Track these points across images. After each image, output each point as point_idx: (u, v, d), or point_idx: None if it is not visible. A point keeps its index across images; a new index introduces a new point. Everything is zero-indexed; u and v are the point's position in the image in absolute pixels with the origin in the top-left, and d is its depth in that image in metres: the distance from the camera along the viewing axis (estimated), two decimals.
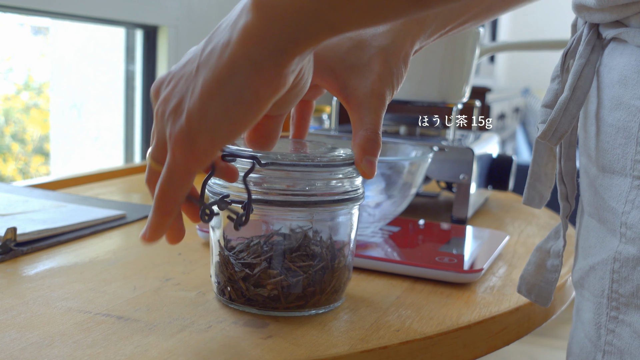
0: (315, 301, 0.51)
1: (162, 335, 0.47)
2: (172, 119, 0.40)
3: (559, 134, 0.49)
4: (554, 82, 0.52)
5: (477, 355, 0.53)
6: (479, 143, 0.93)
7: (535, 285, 0.56)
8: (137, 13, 1.39)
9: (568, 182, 0.54)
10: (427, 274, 0.62)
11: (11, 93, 1.44)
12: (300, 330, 0.49)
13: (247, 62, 0.38)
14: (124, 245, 0.70)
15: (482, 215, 0.94)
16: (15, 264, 0.61)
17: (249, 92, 0.38)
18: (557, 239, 0.56)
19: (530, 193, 0.58)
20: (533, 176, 0.57)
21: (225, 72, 0.38)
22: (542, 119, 0.51)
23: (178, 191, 0.41)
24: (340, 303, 0.54)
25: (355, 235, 0.54)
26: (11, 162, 1.45)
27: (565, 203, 0.54)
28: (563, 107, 0.49)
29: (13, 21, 1.37)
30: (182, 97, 0.40)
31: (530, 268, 0.57)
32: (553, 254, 0.56)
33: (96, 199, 0.90)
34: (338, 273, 0.53)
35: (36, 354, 0.43)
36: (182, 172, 0.41)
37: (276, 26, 0.37)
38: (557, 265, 0.55)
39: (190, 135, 0.39)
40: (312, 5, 0.36)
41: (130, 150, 1.52)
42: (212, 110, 0.39)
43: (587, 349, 0.49)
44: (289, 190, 0.49)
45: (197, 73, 0.39)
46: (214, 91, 0.38)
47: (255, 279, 0.50)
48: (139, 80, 1.50)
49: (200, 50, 0.41)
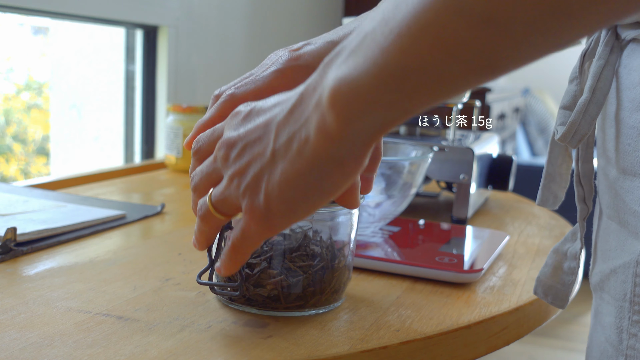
0: (315, 301, 0.51)
1: (162, 335, 0.47)
2: (249, 195, 0.41)
3: (579, 136, 0.49)
4: (572, 83, 0.52)
5: (477, 355, 0.53)
6: (479, 143, 0.92)
7: (551, 287, 0.56)
8: (137, 13, 1.39)
9: (585, 184, 0.53)
10: (427, 274, 0.62)
11: (11, 93, 1.44)
12: (300, 330, 0.49)
13: (328, 159, 0.38)
14: (124, 245, 0.70)
15: (482, 215, 0.94)
16: (15, 264, 0.61)
17: (328, 183, 0.39)
18: (574, 241, 0.55)
19: (545, 194, 0.57)
20: (547, 177, 0.57)
21: (305, 168, 0.39)
22: (561, 121, 0.50)
23: (249, 250, 0.44)
24: (340, 303, 0.54)
25: (355, 235, 0.55)
26: (13, 163, 1.45)
27: (583, 205, 0.54)
28: (583, 109, 0.48)
29: (13, 21, 1.37)
30: (258, 177, 0.41)
31: (546, 270, 0.57)
32: (570, 256, 0.55)
33: (96, 199, 0.90)
34: (338, 273, 0.53)
35: (36, 354, 0.43)
36: (255, 239, 0.43)
37: (354, 126, 0.36)
38: (574, 268, 0.55)
39: (269, 215, 0.41)
40: (388, 98, 0.35)
41: (130, 150, 1.52)
42: (291, 199, 0.40)
43: (608, 353, 0.49)
44: None
45: (273, 160, 0.40)
46: (293, 182, 0.39)
47: (255, 278, 0.50)
48: (139, 80, 1.50)
49: (274, 131, 0.40)
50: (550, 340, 2.41)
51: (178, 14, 1.50)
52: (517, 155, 3.40)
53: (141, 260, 0.64)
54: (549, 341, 2.40)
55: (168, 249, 0.67)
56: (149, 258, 0.65)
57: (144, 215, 0.81)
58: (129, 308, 0.51)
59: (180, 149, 1.18)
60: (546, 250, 0.76)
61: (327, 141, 0.37)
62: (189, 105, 1.18)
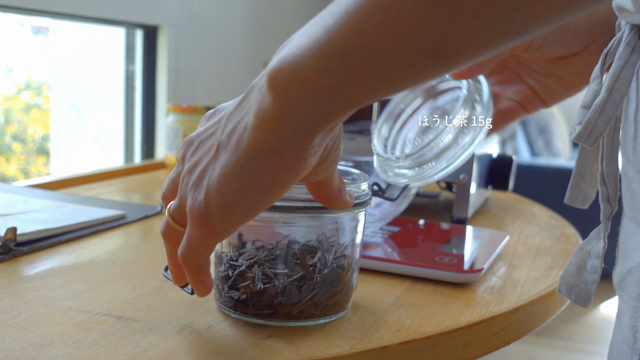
0: (285, 312, 0.49)
1: (162, 335, 0.47)
2: (192, 193, 0.40)
3: (595, 135, 0.49)
4: (593, 82, 0.51)
5: (477, 355, 0.53)
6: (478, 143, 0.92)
7: (575, 286, 0.56)
8: (137, 13, 1.39)
9: (610, 184, 0.53)
10: (427, 274, 0.62)
11: (11, 93, 1.44)
12: (300, 330, 0.49)
13: (264, 148, 0.37)
14: (124, 245, 0.70)
15: (482, 215, 0.94)
16: (15, 264, 0.61)
17: (266, 176, 0.37)
18: (598, 240, 0.55)
19: (574, 192, 0.57)
20: (577, 175, 0.57)
21: (242, 158, 0.37)
22: (579, 120, 0.50)
23: (197, 259, 0.43)
24: (335, 317, 0.52)
25: (359, 247, 0.53)
26: (13, 162, 1.45)
27: (607, 205, 0.53)
28: (599, 108, 0.48)
29: (13, 21, 1.37)
30: (202, 173, 0.40)
31: (570, 268, 0.56)
32: (593, 255, 0.55)
33: (96, 199, 0.90)
34: (320, 287, 0.50)
35: (36, 354, 0.43)
36: (200, 245, 0.42)
37: (292, 109, 0.35)
38: (597, 267, 0.55)
39: (208, 214, 0.39)
40: (329, 80, 0.33)
41: (130, 150, 1.52)
42: (229, 193, 0.38)
43: (624, 352, 0.49)
44: (292, 197, 0.48)
45: (217, 153, 0.39)
46: (231, 175, 0.38)
47: (232, 280, 0.50)
48: (139, 80, 1.50)
49: (223, 124, 0.39)
50: (550, 340, 2.41)
51: (178, 14, 1.50)
52: (517, 155, 3.40)
53: (141, 260, 0.64)
54: (549, 341, 2.40)
55: None
56: (149, 258, 0.65)
57: (144, 215, 0.81)
58: (129, 308, 0.51)
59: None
60: (546, 250, 0.76)
61: (264, 127, 0.36)
62: (189, 105, 1.18)
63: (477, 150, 0.89)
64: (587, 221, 0.57)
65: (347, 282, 0.52)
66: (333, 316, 0.51)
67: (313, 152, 0.38)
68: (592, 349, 2.37)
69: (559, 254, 0.75)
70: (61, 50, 1.48)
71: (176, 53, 1.51)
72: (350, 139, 0.86)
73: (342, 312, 0.52)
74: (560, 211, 1.10)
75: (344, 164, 0.70)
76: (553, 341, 2.41)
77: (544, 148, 3.71)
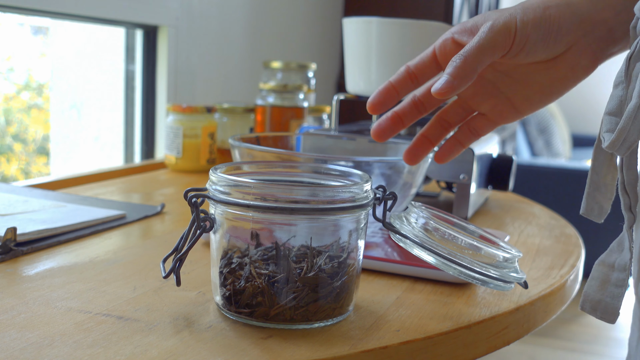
0: (262, 312, 0.49)
1: (162, 335, 0.47)
2: None
3: (628, 143, 0.47)
4: (617, 88, 0.50)
5: (477, 355, 0.53)
6: (479, 143, 0.92)
7: (600, 302, 0.53)
8: (137, 13, 1.39)
9: (631, 192, 0.51)
10: (427, 274, 0.62)
11: (11, 93, 1.44)
12: (300, 330, 0.49)
13: None
14: (124, 245, 0.70)
15: (482, 215, 0.94)
16: (15, 264, 0.61)
17: None
18: (621, 252, 0.53)
19: (589, 203, 0.55)
20: (592, 185, 0.54)
21: None
22: (608, 128, 0.48)
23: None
24: (329, 322, 0.51)
25: (361, 250, 0.52)
26: (14, 163, 1.45)
27: (630, 214, 0.52)
28: (632, 115, 0.46)
29: (13, 21, 1.37)
30: None
31: (593, 284, 0.54)
32: (618, 267, 0.53)
33: (96, 199, 0.90)
34: (301, 291, 0.49)
35: (36, 354, 0.43)
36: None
37: None
38: (624, 280, 0.52)
39: None
40: None
41: (130, 150, 1.52)
42: None
43: None
44: (291, 198, 0.48)
45: None
46: None
47: (223, 277, 0.50)
48: (139, 80, 1.50)
49: None
50: (550, 340, 2.41)
51: (178, 14, 1.50)
52: (517, 155, 3.40)
53: (141, 260, 0.64)
54: (549, 341, 2.40)
55: (168, 249, 0.67)
56: (149, 258, 0.65)
57: (144, 215, 0.81)
58: (129, 308, 0.51)
59: (180, 149, 1.18)
60: (546, 250, 0.76)
61: None
62: (189, 105, 1.18)
63: (478, 150, 0.89)
64: (588, 221, 0.57)
65: (334, 287, 0.50)
66: (329, 320, 0.50)
67: None
68: (592, 349, 2.37)
69: (559, 254, 0.75)
70: (61, 50, 1.48)
71: (176, 53, 1.51)
72: (350, 138, 0.86)
73: (339, 317, 0.51)
74: (560, 211, 1.10)
75: (344, 164, 0.70)
76: (553, 341, 2.41)
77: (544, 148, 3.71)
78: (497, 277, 0.52)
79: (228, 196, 0.49)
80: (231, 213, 0.49)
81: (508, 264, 0.54)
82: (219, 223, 0.51)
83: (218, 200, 0.49)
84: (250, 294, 0.49)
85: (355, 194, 0.50)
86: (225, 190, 0.49)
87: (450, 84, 0.51)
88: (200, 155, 1.19)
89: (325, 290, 0.49)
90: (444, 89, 0.51)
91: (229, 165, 0.54)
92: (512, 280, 0.53)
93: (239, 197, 0.48)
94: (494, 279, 0.52)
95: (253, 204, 0.48)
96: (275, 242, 0.49)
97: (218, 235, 0.51)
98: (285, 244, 0.50)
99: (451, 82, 0.51)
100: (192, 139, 1.18)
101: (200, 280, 0.58)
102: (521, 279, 0.54)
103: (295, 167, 0.61)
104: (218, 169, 0.52)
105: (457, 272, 0.52)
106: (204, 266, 0.62)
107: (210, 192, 0.50)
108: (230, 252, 0.51)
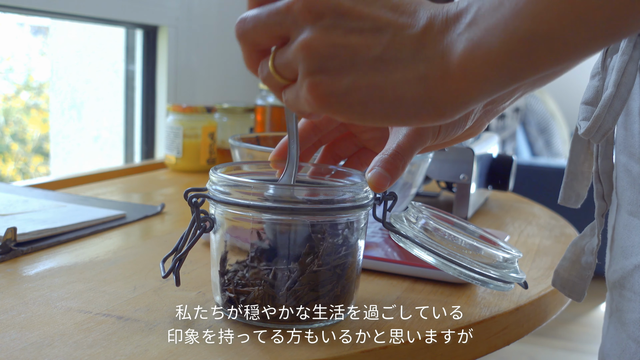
0: (262, 313, 0.48)
1: (162, 335, 0.47)
2: (328, 75, 0.39)
3: (603, 130, 0.49)
4: (594, 79, 0.52)
5: (477, 355, 0.53)
6: (479, 143, 0.92)
7: (569, 281, 0.57)
8: (137, 13, 1.39)
9: (605, 181, 0.54)
10: (427, 274, 0.62)
11: (11, 93, 1.44)
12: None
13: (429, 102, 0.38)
14: (124, 245, 0.70)
15: (482, 215, 0.94)
16: (15, 264, 0.61)
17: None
18: (592, 237, 0.56)
19: (567, 192, 0.58)
20: (570, 175, 0.57)
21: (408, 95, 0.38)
22: (584, 116, 0.50)
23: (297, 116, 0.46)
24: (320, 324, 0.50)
25: (360, 252, 0.52)
26: (11, 162, 1.45)
27: (602, 202, 0.54)
28: (608, 103, 0.48)
29: (13, 21, 1.37)
30: (344, 67, 0.38)
31: (564, 263, 0.57)
32: (587, 251, 0.56)
33: (96, 199, 0.90)
34: (301, 290, 0.48)
35: (36, 354, 0.43)
36: (304, 113, 0.43)
37: (474, 88, 0.37)
38: (591, 263, 0.56)
39: (340, 104, 0.39)
40: (513, 64, 0.35)
41: (130, 150, 1.52)
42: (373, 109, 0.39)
43: (631, 350, 0.48)
44: (291, 198, 0.48)
45: (373, 66, 0.38)
46: (378, 95, 0.38)
47: (223, 276, 0.50)
48: (139, 80, 1.50)
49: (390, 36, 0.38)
50: (550, 340, 2.41)
51: (178, 14, 1.50)
52: (517, 155, 3.40)
53: (141, 260, 0.64)
54: (549, 341, 2.40)
55: (168, 249, 0.67)
56: (148, 258, 0.65)
57: (144, 215, 0.81)
58: (129, 308, 0.51)
59: (180, 149, 1.18)
60: (546, 250, 0.76)
61: (444, 81, 0.37)
62: (189, 105, 1.18)
63: (478, 150, 0.89)
64: (587, 221, 0.57)
65: (334, 287, 0.49)
66: (329, 320, 0.50)
67: None
68: (592, 349, 2.37)
69: (559, 254, 0.75)
70: (61, 50, 1.48)
71: (176, 53, 1.51)
72: None
73: (339, 317, 0.51)
74: (560, 211, 1.10)
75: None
76: (553, 341, 2.41)
77: (544, 148, 3.71)
78: (497, 278, 0.52)
79: (228, 196, 0.49)
80: (231, 213, 0.49)
81: (508, 264, 0.54)
82: (219, 223, 0.51)
83: (218, 200, 0.49)
84: (250, 294, 0.49)
85: (355, 194, 0.50)
86: (225, 190, 0.49)
87: (386, 179, 0.48)
88: (200, 155, 1.19)
89: (325, 290, 0.49)
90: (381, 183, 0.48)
91: (229, 165, 0.54)
92: (512, 281, 0.53)
93: (239, 197, 0.48)
94: (494, 279, 0.52)
95: (253, 204, 0.48)
96: (275, 242, 0.49)
97: (218, 235, 0.51)
98: (286, 244, 0.50)
99: (387, 178, 0.48)
100: (192, 139, 1.18)
101: (200, 280, 0.58)
102: (521, 279, 0.54)
103: None
104: (218, 169, 0.52)
105: (457, 272, 0.52)
106: (204, 266, 0.62)
107: (210, 192, 0.50)
108: (230, 252, 0.51)
